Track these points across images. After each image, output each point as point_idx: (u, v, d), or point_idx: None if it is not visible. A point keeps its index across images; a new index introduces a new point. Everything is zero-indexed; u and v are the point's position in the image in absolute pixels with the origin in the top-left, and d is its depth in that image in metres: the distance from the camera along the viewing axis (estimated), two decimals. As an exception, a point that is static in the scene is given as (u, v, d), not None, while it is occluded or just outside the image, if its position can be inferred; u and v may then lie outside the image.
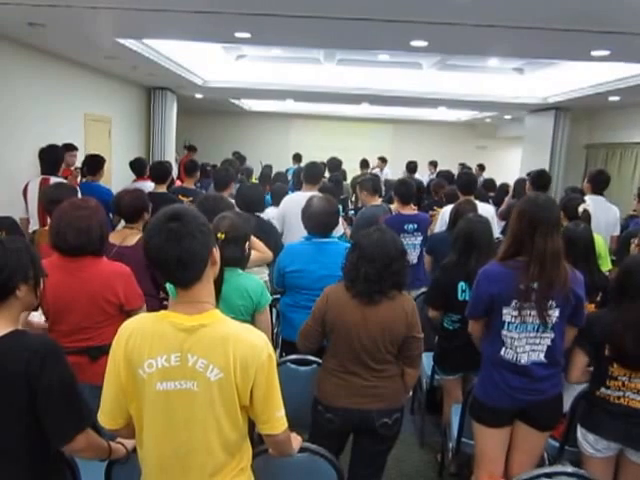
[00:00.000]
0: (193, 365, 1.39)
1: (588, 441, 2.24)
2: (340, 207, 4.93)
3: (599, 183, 4.41)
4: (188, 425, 1.42)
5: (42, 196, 3.19)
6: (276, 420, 1.49)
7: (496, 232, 4.31)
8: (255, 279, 2.36)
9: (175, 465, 1.45)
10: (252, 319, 2.33)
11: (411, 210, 4.39)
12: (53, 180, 4.02)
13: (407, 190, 4.36)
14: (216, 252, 1.48)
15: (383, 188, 6.77)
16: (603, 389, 2.21)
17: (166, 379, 1.40)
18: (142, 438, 1.47)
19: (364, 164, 9.18)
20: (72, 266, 2.23)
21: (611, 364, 2.19)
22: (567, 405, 2.48)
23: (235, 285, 2.25)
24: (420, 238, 4.19)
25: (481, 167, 10.36)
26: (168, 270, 1.41)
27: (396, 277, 2.17)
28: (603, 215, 4.15)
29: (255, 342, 1.43)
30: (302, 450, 1.83)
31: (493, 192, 6.48)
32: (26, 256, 1.59)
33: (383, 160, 10.28)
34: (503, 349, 2.18)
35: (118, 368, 1.43)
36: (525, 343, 2.16)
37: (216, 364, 1.39)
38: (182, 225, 1.38)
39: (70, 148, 4.95)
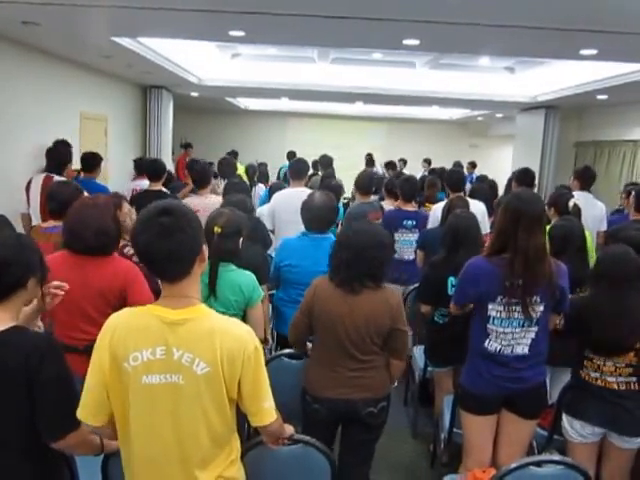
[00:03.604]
0: (179, 359, 1.40)
1: (574, 428, 2.31)
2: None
3: (586, 179, 4.48)
4: (174, 418, 1.43)
5: (47, 193, 3.23)
6: (265, 411, 1.51)
7: (486, 229, 4.38)
8: (247, 274, 2.40)
9: (162, 457, 1.46)
10: (244, 314, 2.38)
11: (412, 207, 4.45)
12: (56, 179, 4.06)
13: (411, 187, 4.42)
14: (205, 249, 1.49)
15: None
16: (585, 369, 2.31)
17: (151, 372, 1.41)
18: (128, 432, 1.46)
19: (370, 162, 9.19)
20: (83, 263, 2.25)
21: (587, 346, 2.30)
22: (555, 396, 2.55)
23: (228, 280, 2.30)
24: (417, 235, 4.26)
25: (472, 164, 10.42)
26: (157, 264, 1.42)
27: (372, 264, 2.18)
28: (590, 211, 4.22)
29: (241, 335, 1.45)
30: (295, 442, 1.85)
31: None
32: (36, 251, 1.63)
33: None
34: (487, 341, 2.24)
35: (102, 362, 1.43)
36: (511, 338, 2.21)
37: (202, 358, 1.40)
38: (174, 220, 1.39)
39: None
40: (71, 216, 2.33)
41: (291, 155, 9.31)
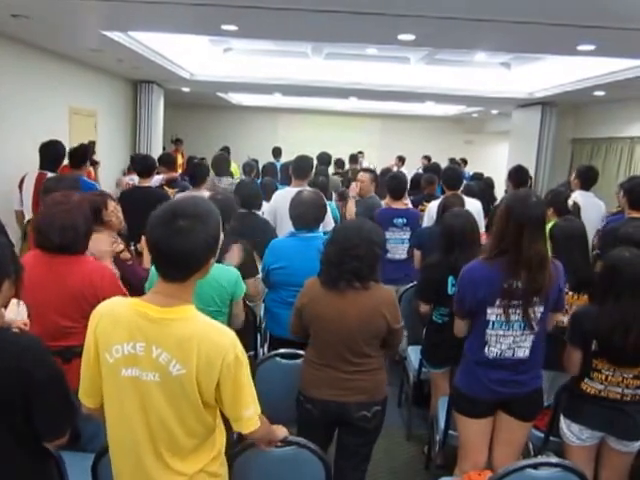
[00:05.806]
0: (157, 357, 1.40)
1: (573, 431, 2.28)
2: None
3: (588, 179, 4.45)
4: (147, 413, 1.43)
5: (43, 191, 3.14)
6: (246, 419, 1.48)
7: (481, 228, 4.33)
8: (229, 269, 2.38)
9: (135, 449, 1.46)
10: (230, 309, 2.36)
11: (402, 205, 4.39)
12: (50, 176, 3.97)
13: (398, 185, 4.36)
14: (213, 260, 1.49)
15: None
16: (587, 380, 2.24)
17: (130, 366, 1.42)
18: (106, 419, 1.49)
19: (353, 159, 9.12)
20: (54, 262, 2.18)
21: (596, 357, 2.21)
22: (551, 397, 2.51)
23: (208, 276, 2.27)
24: (409, 233, 4.20)
25: (463, 161, 10.35)
26: (163, 262, 1.43)
27: (356, 263, 2.07)
28: (591, 210, 4.18)
29: (221, 342, 1.42)
30: (288, 443, 1.82)
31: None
32: (8, 251, 1.59)
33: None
34: (487, 347, 2.19)
35: (89, 348, 1.47)
36: (511, 341, 2.17)
37: (179, 360, 1.39)
38: (191, 223, 1.38)
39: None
40: (39, 214, 2.28)
41: (276, 152, 9.17)
